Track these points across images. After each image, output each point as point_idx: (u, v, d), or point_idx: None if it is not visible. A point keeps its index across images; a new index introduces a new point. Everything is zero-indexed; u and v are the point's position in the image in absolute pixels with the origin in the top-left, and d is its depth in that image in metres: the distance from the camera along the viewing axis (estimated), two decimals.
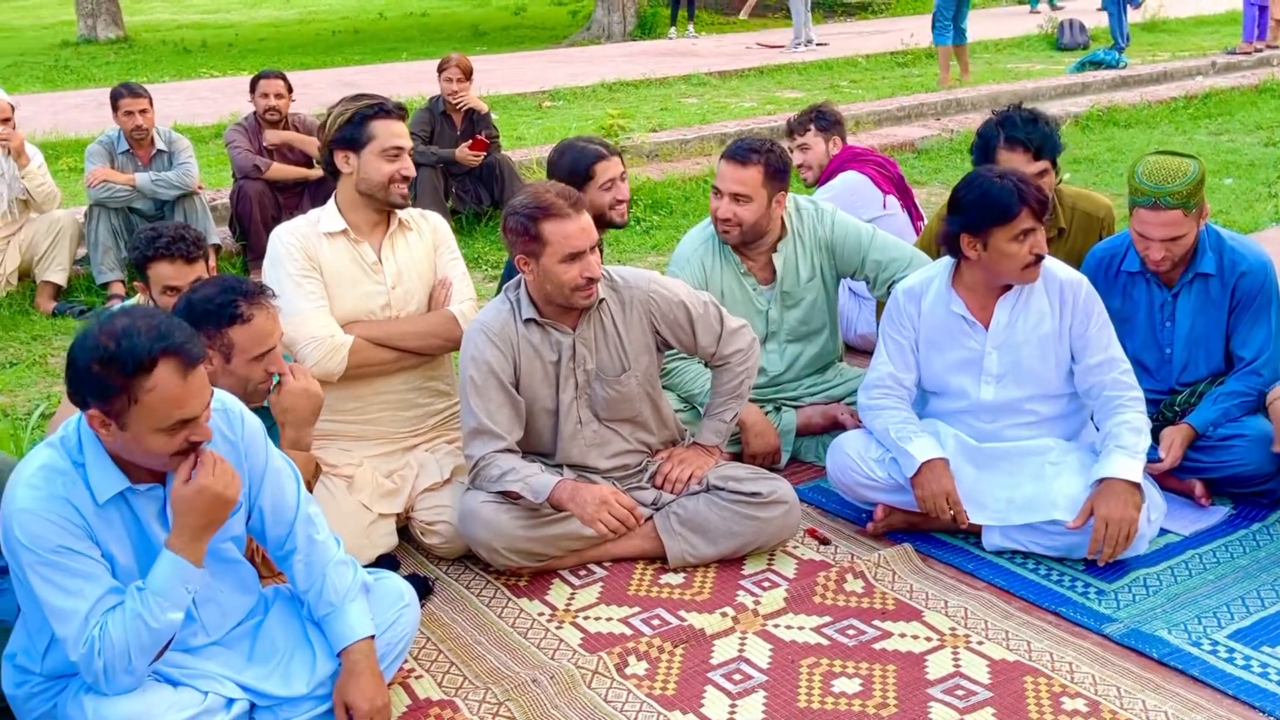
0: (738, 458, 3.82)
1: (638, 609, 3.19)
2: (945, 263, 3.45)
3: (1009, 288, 3.35)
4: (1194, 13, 17.50)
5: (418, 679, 2.91)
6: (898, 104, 10.61)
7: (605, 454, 3.44)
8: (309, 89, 10.28)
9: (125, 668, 2.28)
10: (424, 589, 3.23)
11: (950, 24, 11.48)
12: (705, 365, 3.64)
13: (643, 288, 3.40)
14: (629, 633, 3.07)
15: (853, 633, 3.04)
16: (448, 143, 7.04)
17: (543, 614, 3.18)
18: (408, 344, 3.50)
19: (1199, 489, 3.58)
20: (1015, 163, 3.71)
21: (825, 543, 3.50)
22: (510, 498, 3.23)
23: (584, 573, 3.37)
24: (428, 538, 3.45)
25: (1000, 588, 3.22)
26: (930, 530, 3.49)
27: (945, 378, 3.46)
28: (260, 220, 6.37)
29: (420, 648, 3.02)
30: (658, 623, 3.11)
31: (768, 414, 3.96)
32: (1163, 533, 3.41)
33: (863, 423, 3.58)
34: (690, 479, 3.44)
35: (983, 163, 3.80)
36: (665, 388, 3.73)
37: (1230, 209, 7.17)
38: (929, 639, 3.00)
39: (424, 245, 3.58)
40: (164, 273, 3.45)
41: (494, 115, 7.56)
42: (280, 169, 6.60)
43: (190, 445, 2.29)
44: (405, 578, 2.98)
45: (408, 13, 23.16)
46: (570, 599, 3.25)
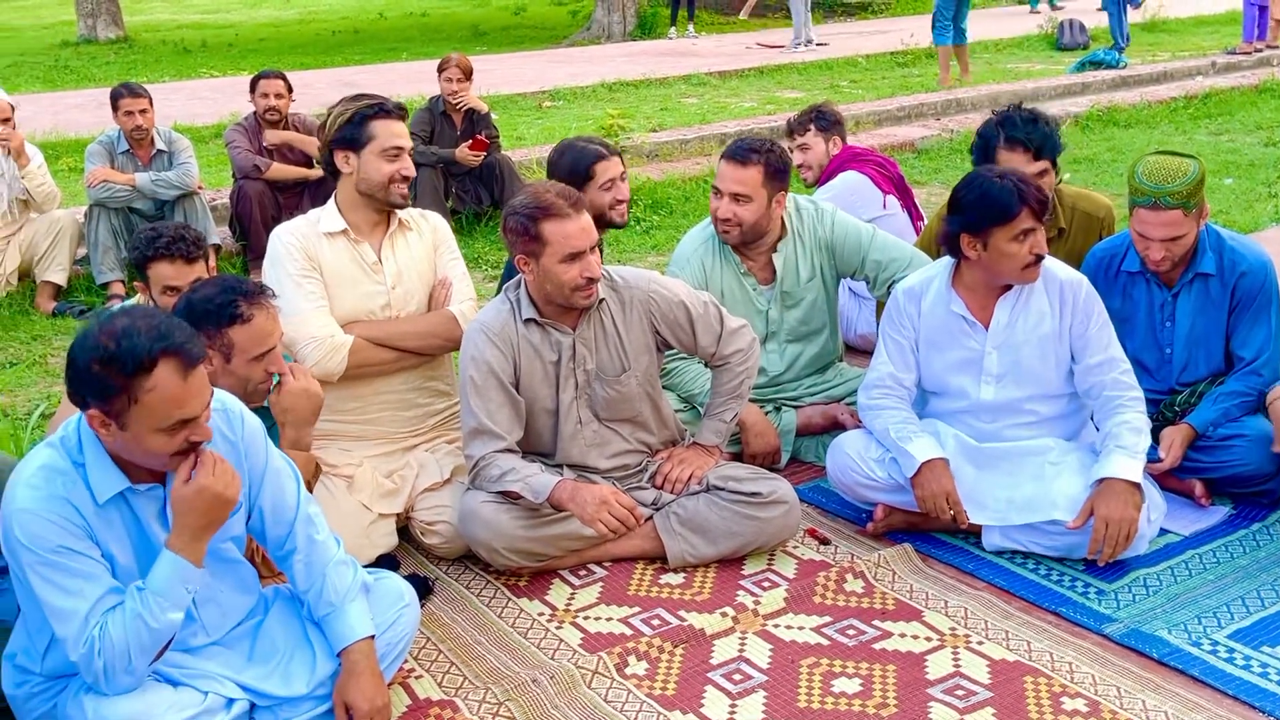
0: (738, 458, 3.82)
1: (638, 609, 3.19)
2: (945, 263, 3.45)
3: (1009, 288, 3.35)
4: (1194, 13, 17.50)
5: (418, 679, 2.91)
6: (898, 104, 10.61)
7: (605, 454, 3.44)
8: (309, 89, 10.28)
9: (125, 668, 2.28)
10: (424, 589, 3.23)
11: (950, 24, 11.48)
12: (705, 365, 3.64)
13: (643, 288, 3.40)
14: (629, 633, 3.07)
15: (853, 633, 3.04)
16: (448, 143, 7.04)
17: (543, 614, 3.18)
18: (408, 344, 3.50)
19: (1199, 489, 3.58)
20: (1015, 163, 3.71)
21: (825, 543, 3.50)
22: (510, 498, 3.23)
23: (584, 573, 3.37)
24: (428, 538, 3.45)
25: (1000, 588, 3.22)
26: (930, 530, 3.49)
27: (945, 378, 3.46)
28: (260, 220, 6.36)
29: (420, 648, 3.02)
30: (658, 623, 3.11)
31: (768, 414, 3.96)
32: (1163, 533, 3.41)
33: (863, 423, 3.58)
34: (690, 479, 3.44)
35: (983, 163, 3.79)
36: (665, 388, 3.73)
37: (1230, 209, 7.17)
38: (929, 639, 3.00)
39: (424, 245, 3.58)
40: (164, 273, 3.45)
41: (494, 115, 7.56)
42: (280, 169, 6.59)
43: (190, 445, 2.29)
44: (405, 578, 2.98)
45: (408, 13, 23.16)
46: (570, 599, 3.25)
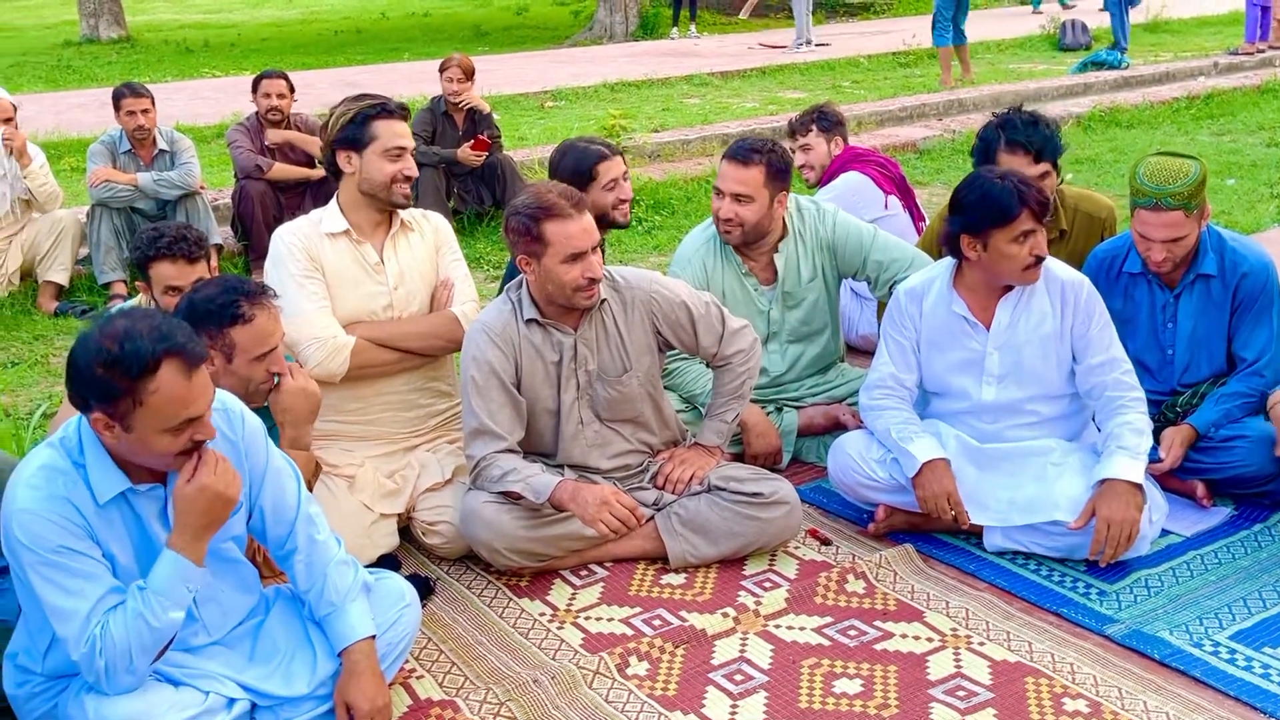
0: (739, 458, 3.82)
1: (639, 609, 3.18)
2: (947, 263, 3.45)
3: (1010, 288, 3.35)
4: (1196, 13, 17.48)
5: (419, 679, 2.91)
6: (899, 104, 10.61)
7: (606, 454, 3.44)
8: (311, 89, 10.28)
9: (127, 667, 2.28)
10: (425, 589, 3.23)
11: (950, 25, 11.48)
12: (707, 366, 3.64)
13: (644, 288, 3.40)
14: (630, 633, 3.07)
15: (854, 633, 3.04)
16: (449, 143, 7.04)
17: (544, 614, 3.18)
18: (410, 345, 3.50)
19: (1200, 490, 3.58)
20: (1016, 166, 3.70)
21: (826, 543, 3.50)
22: (511, 498, 3.23)
23: (585, 573, 3.37)
24: (429, 538, 3.45)
25: (1002, 588, 3.22)
26: (931, 531, 3.49)
27: (946, 378, 3.46)
28: (262, 220, 6.36)
29: (421, 648, 3.03)
30: (659, 623, 3.11)
31: (769, 414, 3.96)
32: (1164, 534, 3.41)
33: (864, 423, 3.58)
34: (691, 479, 3.44)
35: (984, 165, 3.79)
36: (667, 388, 3.73)
37: (1232, 210, 7.16)
38: (930, 640, 3.00)
39: (426, 246, 3.58)
40: (166, 273, 3.46)
41: (496, 115, 7.57)
42: (282, 169, 6.59)
43: (194, 444, 2.29)
44: (406, 578, 2.99)
45: (410, 13, 23.17)
46: (571, 599, 3.25)
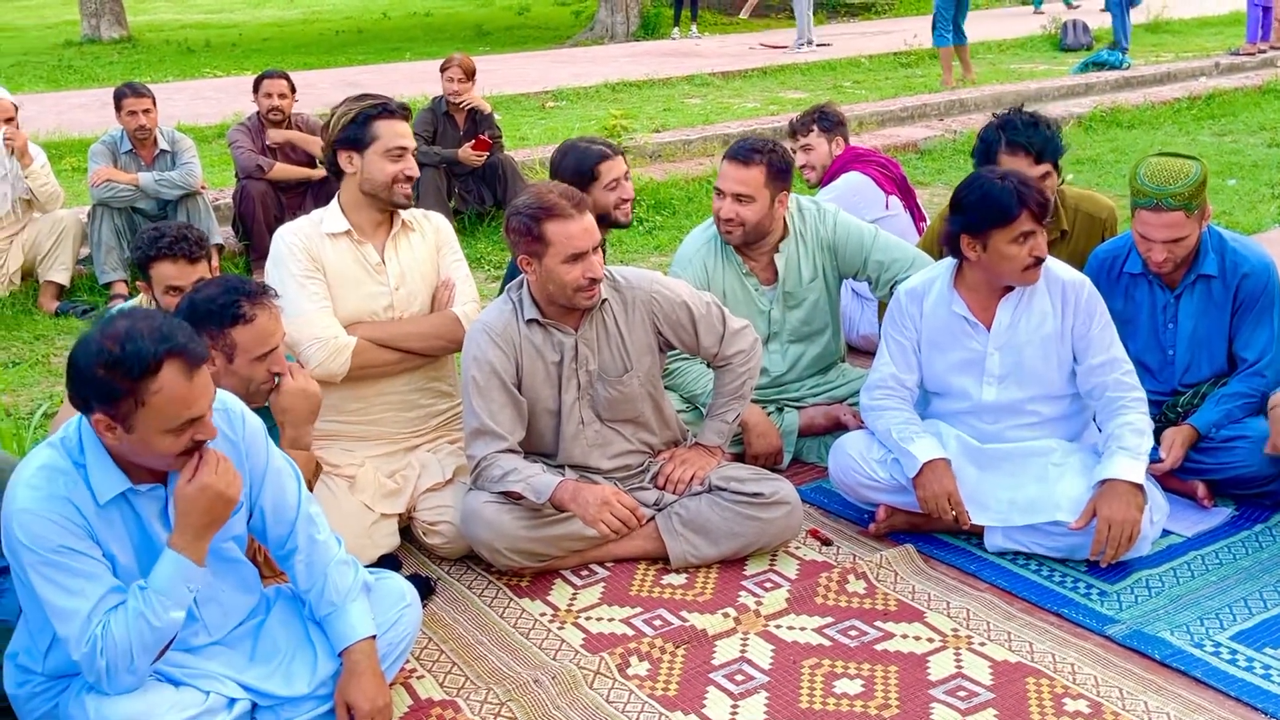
0: (740, 458, 3.82)
1: (639, 609, 3.19)
2: (947, 263, 3.45)
3: (1011, 288, 3.35)
4: (1198, 13, 17.49)
5: (419, 679, 2.91)
6: (901, 104, 10.61)
7: (607, 454, 3.44)
8: (312, 89, 10.28)
9: (128, 667, 2.28)
10: (426, 589, 3.23)
11: (950, 25, 11.48)
12: (708, 366, 3.64)
13: (645, 288, 3.40)
14: (631, 633, 3.07)
15: (855, 634, 3.04)
16: (450, 143, 7.04)
17: (544, 614, 3.18)
18: (411, 345, 3.50)
19: (1201, 490, 3.57)
20: (1017, 167, 3.69)
21: (827, 543, 3.50)
22: (512, 498, 3.23)
23: (586, 573, 3.37)
24: (430, 538, 3.45)
25: (1002, 589, 3.22)
26: (932, 531, 3.49)
27: (947, 378, 3.46)
28: (263, 220, 6.36)
29: (422, 648, 3.03)
30: (659, 623, 3.11)
31: (770, 414, 3.96)
32: (1165, 534, 3.41)
33: (865, 423, 3.58)
34: (692, 479, 3.44)
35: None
36: (667, 388, 3.73)
37: (1234, 210, 7.16)
38: (931, 640, 3.00)
39: (427, 246, 3.58)
40: (167, 273, 3.46)
41: (497, 115, 7.56)
42: (283, 169, 6.59)
43: (195, 445, 2.29)
44: (407, 578, 2.98)
45: (411, 13, 23.17)
46: (572, 599, 3.25)
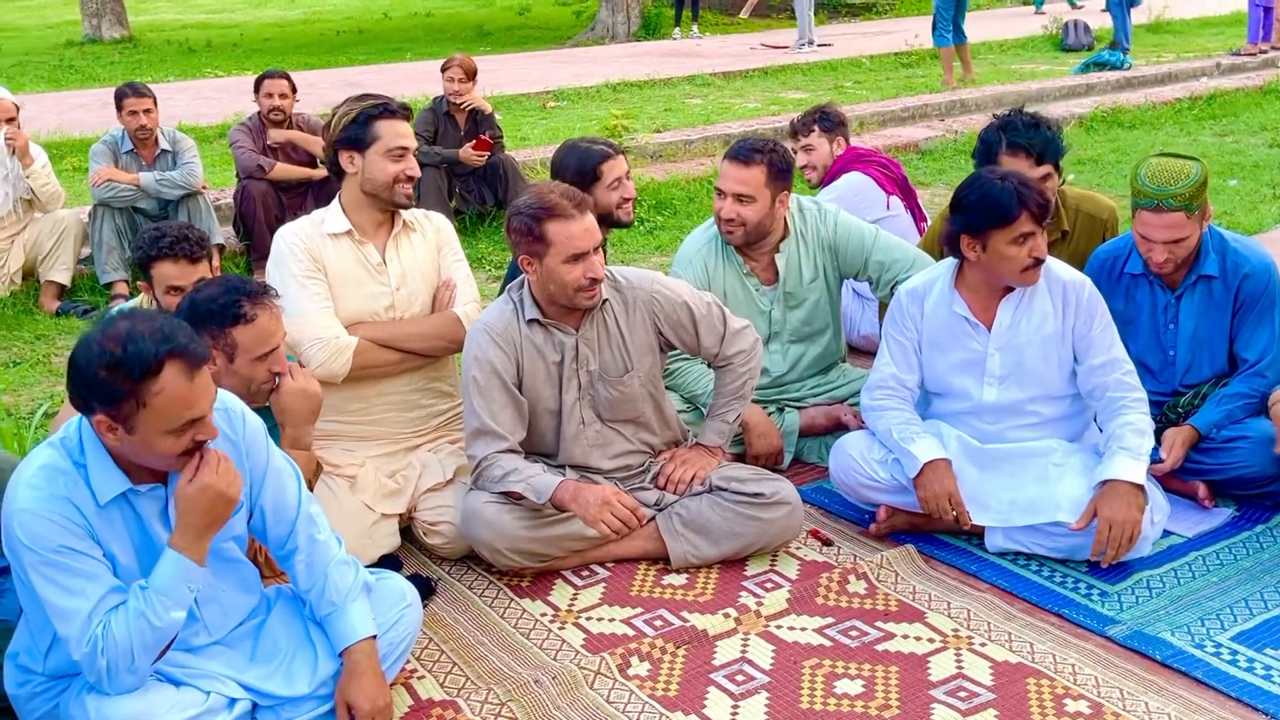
0: (740, 458, 3.81)
1: (640, 610, 3.18)
2: (948, 264, 3.45)
3: (1011, 289, 3.35)
4: (1199, 14, 17.49)
5: (420, 679, 2.91)
6: (902, 105, 10.61)
7: (608, 454, 3.44)
8: (313, 89, 10.29)
9: (128, 667, 2.29)
10: (426, 589, 3.23)
11: (950, 25, 11.48)
12: (708, 366, 3.64)
13: (646, 288, 3.40)
14: (631, 633, 3.07)
15: (855, 634, 3.04)
16: (451, 143, 7.04)
17: (545, 614, 3.18)
18: (412, 345, 3.50)
19: (1202, 491, 3.57)
20: (1018, 168, 3.70)
21: (828, 544, 3.50)
22: (513, 498, 3.23)
23: (586, 573, 3.37)
24: (430, 538, 3.45)
25: (1003, 589, 3.21)
26: (933, 531, 3.49)
27: (948, 379, 3.46)
28: (264, 220, 6.37)
29: (422, 648, 3.03)
30: (660, 623, 3.11)
31: (771, 415, 3.96)
32: (1166, 534, 3.40)
33: (865, 423, 3.58)
34: (693, 480, 3.44)
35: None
36: (668, 388, 3.73)
37: (1235, 210, 7.16)
38: (931, 640, 3.00)
39: (428, 246, 3.58)
40: (167, 273, 3.46)
41: (498, 115, 7.56)
42: (284, 169, 6.60)
43: (196, 445, 2.29)
44: (408, 578, 2.98)
45: (412, 13, 23.18)
46: (573, 599, 3.25)
